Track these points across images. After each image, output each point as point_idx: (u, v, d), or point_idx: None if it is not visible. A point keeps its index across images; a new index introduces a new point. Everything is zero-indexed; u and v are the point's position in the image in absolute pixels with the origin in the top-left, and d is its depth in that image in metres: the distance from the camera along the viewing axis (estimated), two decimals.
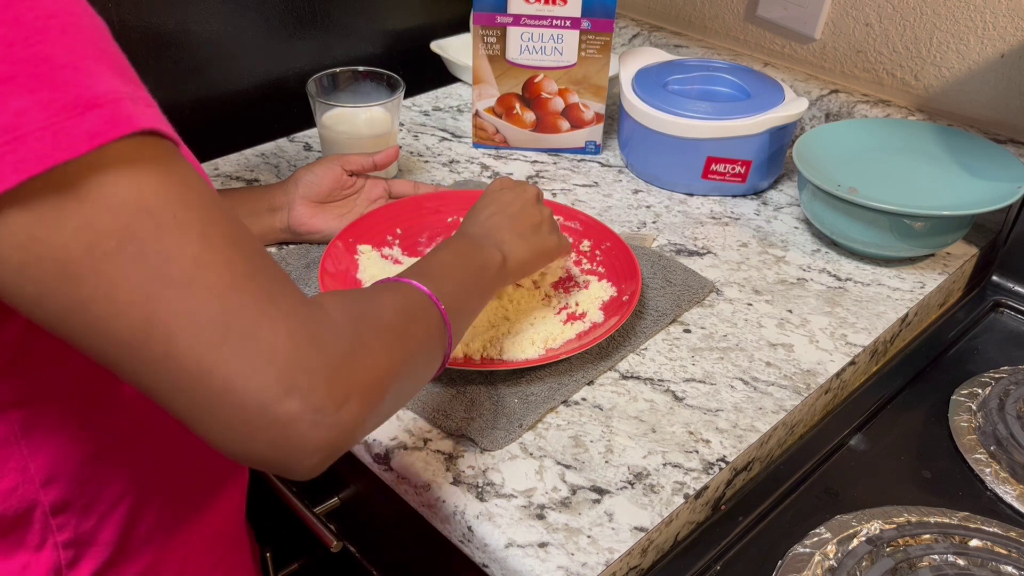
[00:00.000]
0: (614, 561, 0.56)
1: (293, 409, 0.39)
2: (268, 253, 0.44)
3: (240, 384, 0.39)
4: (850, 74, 1.07)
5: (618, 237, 0.81)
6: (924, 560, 0.58)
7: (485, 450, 0.62)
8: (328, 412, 0.40)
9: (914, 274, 0.86)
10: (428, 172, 0.97)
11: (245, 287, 0.40)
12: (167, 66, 0.96)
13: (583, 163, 1.02)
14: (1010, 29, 0.91)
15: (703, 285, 0.80)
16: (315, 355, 0.40)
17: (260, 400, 0.39)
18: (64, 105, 0.36)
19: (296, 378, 0.39)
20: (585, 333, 0.72)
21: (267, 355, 0.39)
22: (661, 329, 0.75)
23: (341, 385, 0.41)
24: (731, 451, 0.64)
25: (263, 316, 0.40)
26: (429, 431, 0.64)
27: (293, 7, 1.04)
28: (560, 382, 0.69)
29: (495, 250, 0.65)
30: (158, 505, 0.56)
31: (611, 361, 0.71)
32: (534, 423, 0.65)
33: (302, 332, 0.40)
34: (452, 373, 0.68)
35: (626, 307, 0.72)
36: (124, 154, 0.38)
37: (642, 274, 0.77)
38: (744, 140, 0.92)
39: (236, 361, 0.39)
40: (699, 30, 1.21)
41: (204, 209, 0.40)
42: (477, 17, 0.95)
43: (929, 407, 0.74)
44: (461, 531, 0.59)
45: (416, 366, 0.50)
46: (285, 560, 0.91)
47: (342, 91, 0.93)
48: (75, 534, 0.53)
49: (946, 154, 0.89)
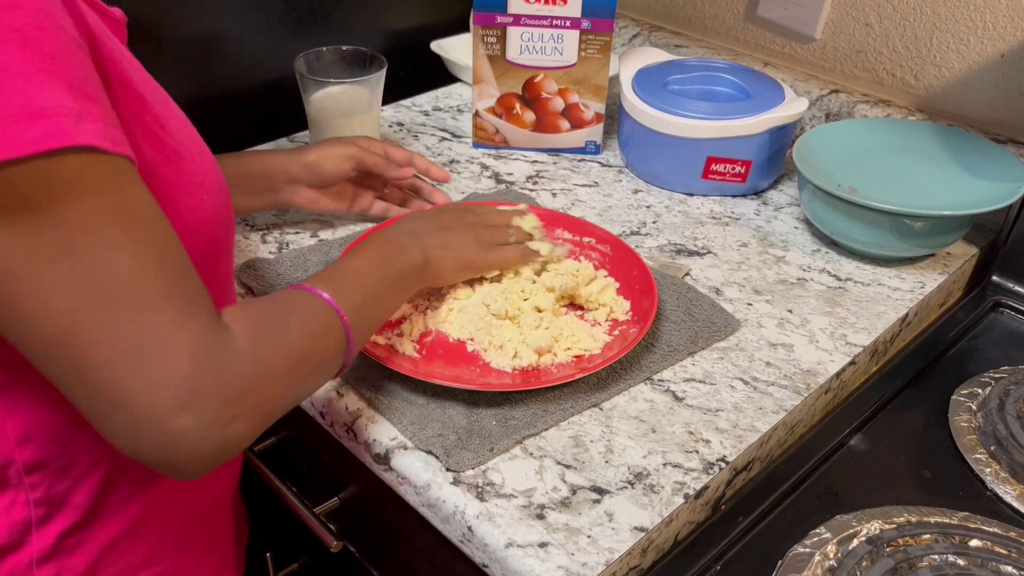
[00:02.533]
0: (614, 561, 0.56)
1: (184, 424, 0.44)
2: (192, 271, 0.47)
3: (141, 397, 0.43)
4: (850, 74, 1.07)
5: (643, 263, 0.77)
6: (924, 560, 0.58)
7: (450, 470, 0.61)
8: (216, 429, 0.45)
9: (914, 274, 0.86)
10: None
11: (164, 307, 0.44)
12: (167, 66, 0.96)
13: (583, 163, 1.02)
14: (1010, 29, 0.91)
15: (728, 323, 0.75)
16: (212, 380, 0.45)
17: (156, 413, 0.43)
18: (9, 112, 0.39)
19: (191, 398, 0.44)
20: (581, 362, 0.69)
21: (169, 374, 0.43)
22: (669, 366, 0.71)
23: (232, 408, 0.46)
24: (731, 451, 0.64)
25: (174, 337, 0.44)
26: None
27: (293, 7, 1.04)
28: (546, 409, 0.65)
29: (417, 251, 0.67)
30: (134, 476, 0.58)
31: (606, 393, 0.67)
32: (508, 448, 0.63)
33: (205, 357, 0.45)
34: (436, 388, 0.66)
35: (631, 341, 0.69)
36: (70, 172, 0.41)
37: (664, 306, 0.75)
38: (744, 140, 0.92)
39: (141, 376, 0.43)
40: (699, 30, 1.21)
41: (141, 229, 0.44)
42: (477, 17, 0.95)
43: (929, 407, 0.74)
44: (461, 531, 0.59)
45: (312, 381, 0.56)
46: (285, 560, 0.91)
47: (328, 70, 0.95)
48: (47, 494, 0.54)
49: (946, 154, 0.89)
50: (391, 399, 0.66)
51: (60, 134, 0.40)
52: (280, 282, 0.78)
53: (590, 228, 0.83)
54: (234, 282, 0.67)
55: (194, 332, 0.45)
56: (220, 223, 0.56)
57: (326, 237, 0.85)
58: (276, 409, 0.51)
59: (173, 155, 0.51)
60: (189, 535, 0.64)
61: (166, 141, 0.51)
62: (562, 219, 0.84)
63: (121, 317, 0.43)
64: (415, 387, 0.67)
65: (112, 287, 0.43)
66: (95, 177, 0.42)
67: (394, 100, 1.11)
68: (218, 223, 0.56)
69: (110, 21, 0.53)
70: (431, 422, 0.64)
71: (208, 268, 0.52)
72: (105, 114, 0.43)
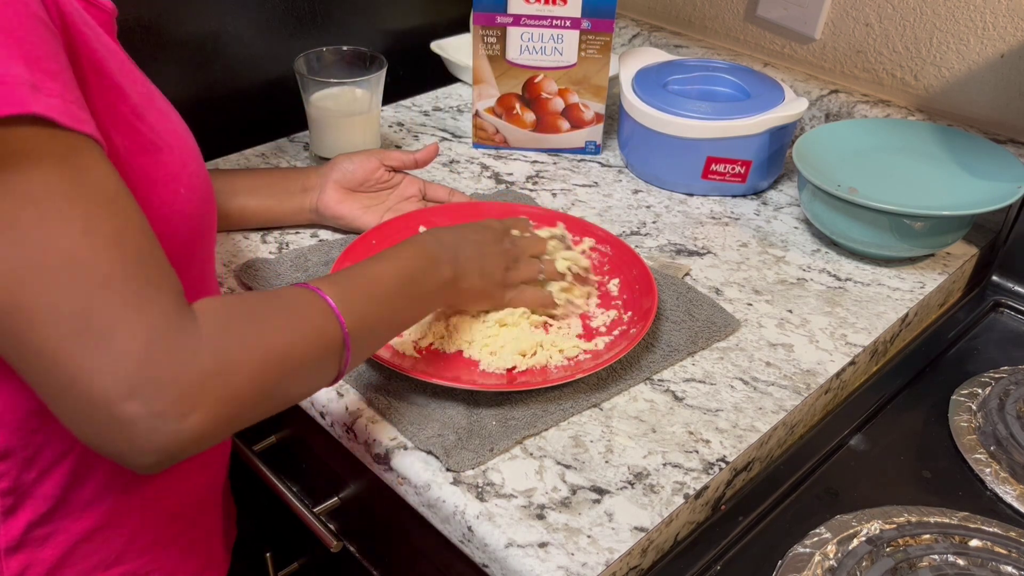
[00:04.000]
0: (614, 561, 0.56)
1: (132, 411, 0.41)
2: (159, 256, 0.45)
3: (87, 379, 0.41)
4: (850, 74, 1.07)
5: (643, 264, 0.77)
6: (924, 560, 0.58)
7: (450, 470, 0.61)
8: (168, 420, 0.42)
9: (914, 274, 0.86)
10: (428, 172, 0.97)
11: (116, 288, 0.42)
12: (167, 65, 0.96)
13: (583, 163, 1.02)
14: (1010, 29, 0.91)
15: (727, 323, 0.75)
16: (167, 365, 0.42)
17: (103, 397, 0.41)
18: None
19: (141, 384, 0.41)
20: (581, 363, 0.69)
21: (118, 357, 0.41)
22: (669, 366, 0.71)
23: (188, 397, 0.43)
24: (731, 451, 0.64)
25: (125, 319, 0.42)
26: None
27: (293, 7, 1.04)
28: (546, 409, 0.65)
29: (448, 268, 0.64)
30: (107, 468, 0.57)
31: (606, 393, 0.67)
32: (507, 448, 0.63)
33: (160, 341, 0.42)
34: (436, 388, 0.66)
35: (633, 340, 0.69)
36: (20, 141, 0.40)
37: (664, 306, 0.74)
38: (744, 140, 0.92)
39: (87, 357, 0.41)
40: (699, 30, 1.21)
41: (94, 205, 0.43)
42: (477, 17, 0.95)
43: (929, 407, 0.74)
44: (461, 531, 0.59)
45: (295, 384, 0.51)
46: (285, 560, 0.91)
47: (328, 70, 0.95)
48: (14, 483, 0.54)
49: (946, 154, 0.89)
50: (391, 399, 0.66)
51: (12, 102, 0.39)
52: (280, 282, 0.78)
53: (590, 228, 0.83)
54: (216, 280, 0.66)
55: (151, 315, 0.42)
56: (197, 218, 0.55)
57: (326, 237, 0.85)
58: (245, 409, 0.46)
59: (150, 146, 0.51)
60: (169, 532, 0.63)
61: (142, 131, 0.50)
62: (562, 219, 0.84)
63: (66, 295, 0.41)
64: (415, 387, 0.67)
65: (56, 262, 0.41)
66: (49, 151, 0.41)
67: (394, 100, 1.11)
68: (194, 218, 0.54)
69: (98, 12, 0.52)
70: (431, 422, 0.64)
71: (183, 262, 0.51)
72: (64, 92, 0.42)
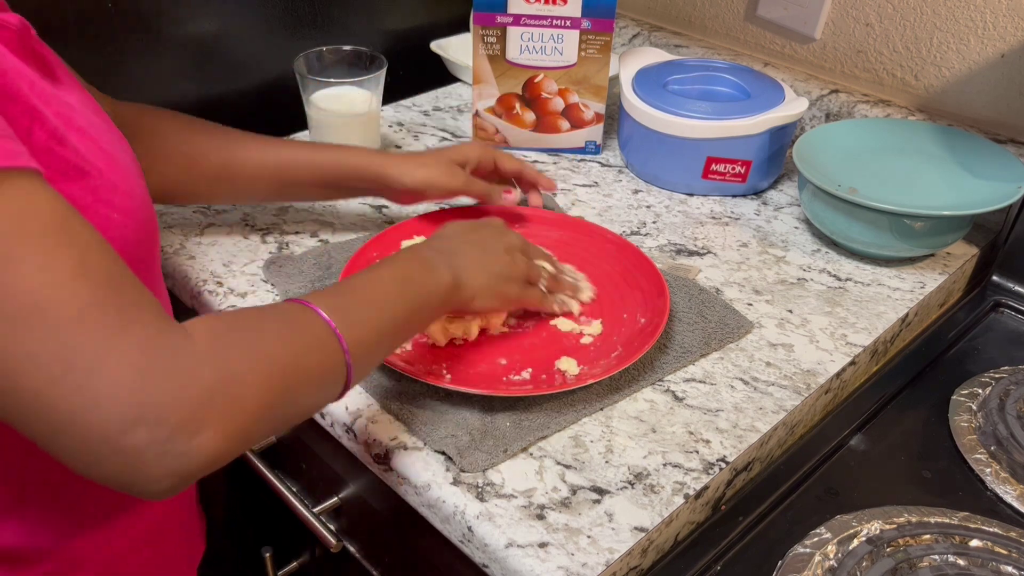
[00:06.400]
0: (614, 561, 0.56)
1: (139, 440, 0.39)
2: (129, 276, 0.44)
3: (82, 417, 0.39)
4: (850, 74, 1.07)
5: (653, 266, 0.77)
6: (924, 560, 0.58)
7: (463, 471, 0.61)
8: (178, 442, 0.40)
9: (914, 274, 0.86)
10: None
11: (91, 319, 0.40)
12: (167, 66, 0.96)
13: (583, 163, 1.02)
14: (1010, 29, 0.91)
15: (740, 324, 0.75)
16: (166, 386, 0.40)
17: (104, 432, 0.39)
18: None
19: (142, 411, 0.40)
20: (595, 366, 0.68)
21: (110, 390, 0.39)
22: (682, 367, 0.71)
23: (195, 416, 0.41)
24: (731, 451, 0.64)
25: (109, 350, 0.40)
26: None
27: (293, 7, 1.04)
28: (559, 411, 0.65)
29: (446, 271, 0.62)
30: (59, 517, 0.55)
31: (619, 395, 0.67)
32: (521, 450, 0.63)
33: (152, 364, 0.40)
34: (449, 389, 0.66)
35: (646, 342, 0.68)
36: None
37: (676, 308, 0.74)
38: (744, 140, 0.92)
39: (78, 396, 0.39)
40: (699, 30, 1.21)
41: (47, 239, 0.40)
42: (477, 17, 0.95)
43: (929, 407, 0.74)
44: (461, 531, 0.59)
45: (303, 398, 0.50)
46: (285, 560, 0.91)
47: (328, 70, 0.95)
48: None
49: (946, 154, 0.89)
50: (402, 401, 0.66)
51: None
52: (303, 279, 0.78)
53: (595, 229, 0.83)
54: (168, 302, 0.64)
55: (137, 340, 0.41)
56: (134, 244, 0.52)
57: (326, 237, 0.85)
58: (254, 422, 0.45)
59: (73, 170, 0.49)
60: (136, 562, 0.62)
61: (64, 156, 0.48)
62: (563, 220, 0.84)
63: (39, 339, 0.39)
64: (427, 389, 0.67)
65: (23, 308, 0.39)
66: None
67: (394, 100, 1.11)
68: (131, 243, 0.52)
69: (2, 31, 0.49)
70: (444, 423, 0.64)
71: None
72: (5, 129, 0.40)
